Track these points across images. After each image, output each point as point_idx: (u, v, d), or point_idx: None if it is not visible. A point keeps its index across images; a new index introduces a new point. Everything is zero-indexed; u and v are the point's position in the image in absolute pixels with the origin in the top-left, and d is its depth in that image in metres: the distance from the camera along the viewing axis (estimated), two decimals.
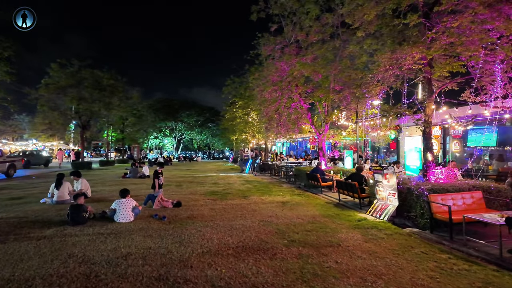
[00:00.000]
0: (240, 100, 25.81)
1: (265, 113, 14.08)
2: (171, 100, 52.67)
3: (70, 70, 21.24)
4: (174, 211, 7.17)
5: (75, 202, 6.00)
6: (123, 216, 6.02)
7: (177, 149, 55.08)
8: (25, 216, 6.46)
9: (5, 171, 16.51)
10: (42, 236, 5.01)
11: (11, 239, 4.84)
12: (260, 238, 5.15)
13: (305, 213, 7.29)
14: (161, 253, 4.28)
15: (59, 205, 7.61)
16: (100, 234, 5.16)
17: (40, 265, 3.74)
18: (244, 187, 12.15)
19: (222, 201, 8.77)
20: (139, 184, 12.40)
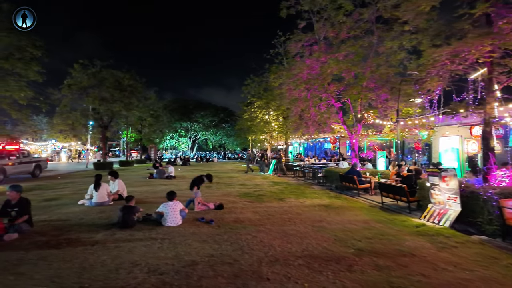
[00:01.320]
0: (259, 100, 25.50)
1: (295, 113, 13.67)
2: (186, 101, 52.88)
3: (92, 70, 21.32)
4: (217, 214, 6.86)
5: (127, 203, 5.75)
6: (172, 220, 5.73)
7: (192, 149, 55.18)
8: (68, 219, 6.25)
9: (32, 171, 16.61)
10: (94, 241, 4.76)
11: (64, 244, 4.60)
12: (322, 245, 4.77)
13: (354, 217, 6.87)
14: (227, 262, 3.95)
15: (98, 207, 7.40)
16: (153, 239, 4.87)
17: (106, 275, 3.46)
18: (275, 188, 11.78)
19: (261, 203, 8.42)
20: (168, 185, 12.18)
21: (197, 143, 56.72)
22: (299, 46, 13.33)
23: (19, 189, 5.44)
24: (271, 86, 22.77)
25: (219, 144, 57.01)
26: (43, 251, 4.29)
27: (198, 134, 53.73)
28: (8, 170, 14.59)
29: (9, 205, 5.31)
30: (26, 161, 16.19)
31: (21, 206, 5.35)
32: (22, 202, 5.40)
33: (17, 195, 5.39)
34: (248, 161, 22.02)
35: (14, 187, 5.43)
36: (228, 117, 54.90)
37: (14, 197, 5.34)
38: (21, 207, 5.35)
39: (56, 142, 43.33)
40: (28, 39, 9.84)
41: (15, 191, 5.37)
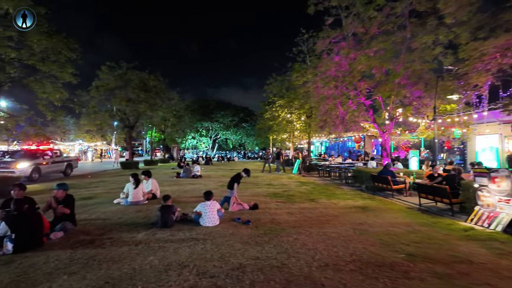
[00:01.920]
0: (281, 99, 25.28)
1: (323, 111, 13.37)
2: (207, 101, 53.41)
3: (118, 72, 21.86)
4: (252, 214, 6.75)
5: (165, 203, 5.76)
6: (210, 220, 5.67)
7: (213, 148, 55.69)
8: (108, 218, 6.33)
9: (63, 170, 17.21)
10: (137, 241, 4.76)
11: (108, 244, 4.62)
12: (369, 250, 4.54)
13: (395, 220, 6.57)
14: (275, 266, 3.82)
15: (134, 206, 7.48)
16: (195, 240, 4.82)
17: (157, 277, 3.41)
18: (303, 189, 11.55)
19: (293, 204, 8.24)
20: (196, 184, 12.24)
21: (218, 142, 57.19)
22: (327, 43, 13.02)
23: (66, 188, 5.62)
24: (294, 84, 22.52)
25: (239, 144, 57.19)
26: (90, 250, 4.32)
27: (218, 134, 54.16)
28: (43, 169, 15.17)
29: (56, 201, 5.46)
30: (58, 160, 16.79)
31: (65, 203, 5.49)
32: (67, 200, 5.55)
33: (64, 193, 5.55)
34: (266, 161, 21.74)
35: (61, 185, 5.58)
36: (248, 117, 54.99)
37: (61, 195, 5.49)
38: (66, 204, 5.49)
39: (83, 142, 44.96)
40: (64, 42, 10.15)
41: (62, 189, 5.53)
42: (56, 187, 5.56)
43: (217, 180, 14.09)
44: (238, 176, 7.69)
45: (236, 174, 7.84)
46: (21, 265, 3.77)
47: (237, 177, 7.63)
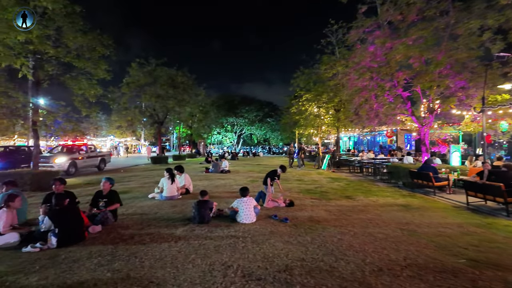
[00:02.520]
0: (307, 93, 24.68)
1: (357, 104, 12.77)
2: (232, 96, 53.63)
3: (148, 68, 22.25)
4: (288, 211, 6.49)
5: (202, 198, 5.65)
6: (247, 217, 5.49)
7: (237, 144, 55.89)
8: (144, 213, 6.34)
9: (98, 165, 17.83)
10: (176, 237, 4.66)
11: (147, 240, 4.56)
12: (424, 253, 4.15)
13: (443, 220, 6.06)
14: (324, 269, 3.55)
15: (169, 201, 7.48)
16: (234, 238, 4.65)
17: (202, 278, 3.25)
18: (336, 185, 11.13)
19: (329, 201, 7.89)
20: (225, 179, 12.16)
21: (242, 138, 57.30)
22: (361, 32, 12.37)
23: (112, 182, 5.70)
24: (322, 77, 21.87)
25: (264, 139, 56.97)
26: (130, 246, 4.27)
27: (243, 129, 54.22)
28: (79, 163, 15.78)
29: (100, 195, 5.52)
30: (93, 155, 17.42)
31: (110, 197, 5.55)
32: (111, 194, 5.60)
33: (109, 186, 5.61)
34: (290, 156, 21.26)
35: (109, 179, 5.67)
36: (272, 112, 54.56)
37: (106, 188, 5.56)
38: (110, 198, 5.54)
39: (114, 138, 46.69)
40: (98, 39, 10.33)
41: (108, 182, 5.61)
42: (104, 178, 5.66)
43: (246, 175, 13.96)
44: (274, 172, 7.45)
45: (272, 170, 7.61)
46: (65, 260, 3.77)
47: (272, 173, 7.40)
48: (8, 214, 4.46)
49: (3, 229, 4.33)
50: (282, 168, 7.69)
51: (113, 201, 5.52)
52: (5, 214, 4.42)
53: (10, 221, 4.49)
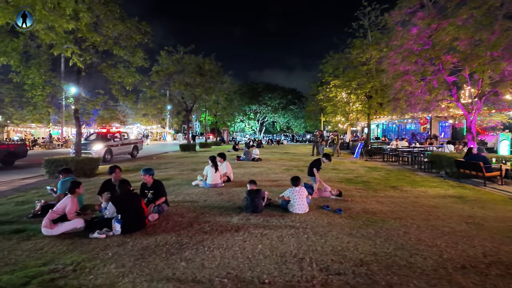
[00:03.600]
0: (336, 79, 23.94)
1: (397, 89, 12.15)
2: (255, 84, 53.24)
3: (176, 57, 22.29)
4: (338, 202, 6.30)
5: (250, 187, 5.56)
6: (300, 207, 5.36)
7: (260, 131, 55.79)
8: (194, 200, 6.36)
9: (131, 152, 18.30)
10: (235, 226, 4.62)
11: (207, 228, 4.54)
12: (504, 250, 3.84)
13: (510, 214, 5.65)
14: (401, 264, 3.35)
15: (213, 189, 7.49)
16: (294, 228, 4.53)
17: (279, 270, 3.16)
18: (376, 174, 10.77)
19: (376, 192, 7.60)
20: (260, 168, 12.08)
21: (264, 125, 57.08)
22: (403, 13, 11.64)
23: (152, 173, 5.57)
24: (354, 62, 21.05)
25: (287, 126, 56.47)
26: (193, 234, 4.25)
27: (266, 117, 53.91)
28: (114, 150, 16.24)
29: (146, 187, 5.51)
30: (126, 142, 17.87)
31: (156, 188, 5.52)
32: (157, 185, 5.56)
33: (151, 178, 5.53)
34: (315, 144, 20.61)
35: (147, 171, 5.52)
36: (296, 99, 53.77)
37: (149, 181, 5.50)
38: (156, 189, 5.51)
39: (140, 126, 47.85)
40: (136, 26, 10.32)
41: (148, 175, 5.49)
42: (142, 172, 5.54)
43: (279, 164, 13.82)
44: (318, 162, 7.23)
45: (316, 160, 7.39)
46: (134, 247, 3.79)
47: (317, 163, 7.18)
48: (74, 200, 4.56)
49: (70, 215, 4.43)
50: (327, 157, 7.44)
51: (159, 193, 5.44)
52: (71, 200, 4.52)
53: (75, 207, 4.59)
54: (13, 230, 4.53)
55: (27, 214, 5.37)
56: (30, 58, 10.13)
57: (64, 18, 6.45)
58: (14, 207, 5.99)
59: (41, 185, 8.59)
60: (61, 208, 4.49)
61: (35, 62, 9.75)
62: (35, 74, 9.70)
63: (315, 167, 7.08)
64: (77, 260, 3.41)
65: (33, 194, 7.35)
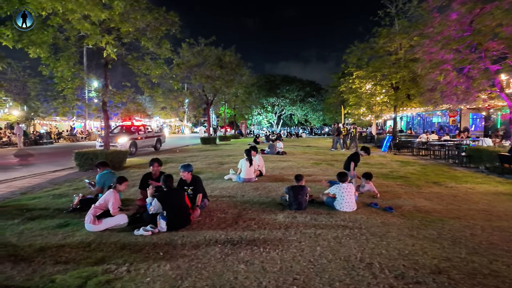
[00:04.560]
0: (358, 70, 23.17)
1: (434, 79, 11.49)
2: (273, 76, 52.58)
3: (197, 49, 22.06)
4: (383, 199, 5.92)
5: (298, 182, 5.27)
6: (348, 204, 5.03)
7: (277, 124, 55.29)
8: (231, 195, 6.14)
9: (154, 145, 18.35)
10: (282, 224, 4.36)
11: (254, 226, 4.30)
12: None
13: None
14: (484, 273, 2.99)
15: (248, 183, 7.25)
16: (347, 228, 4.22)
17: (350, 277, 2.87)
18: (412, 169, 10.24)
19: (419, 188, 7.15)
20: (288, 161, 11.75)
21: (282, 118, 56.47)
22: None
23: (191, 169, 5.35)
24: (380, 52, 20.22)
25: (305, 119, 55.67)
26: (242, 232, 4.02)
27: (284, 109, 53.27)
28: (138, 143, 16.29)
29: (185, 184, 5.30)
30: (150, 135, 17.92)
31: (195, 184, 5.31)
32: (195, 181, 5.35)
33: (190, 175, 5.32)
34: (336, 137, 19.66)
35: (186, 167, 5.32)
36: (314, 91, 52.80)
37: (188, 177, 5.28)
38: (196, 185, 5.31)
39: (159, 119, 48.32)
40: (163, 16, 10.09)
41: (187, 171, 5.28)
42: (181, 169, 5.34)
43: (305, 157, 13.46)
44: (356, 155, 6.85)
45: (354, 153, 7.01)
46: (184, 246, 3.59)
47: (354, 157, 6.81)
48: (116, 196, 4.42)
49: (113, 210, 4.28)
50: (365, 150, 7.04)
51: (198, 189, 5.22)
52: (114, 195, 4.37)
53: (118, 203, 4.44)
54: (56, 224, 4.44)
55: (66, 208, 5.30)
56: (58, 50, 10.11)
57: (98, 7, 6.28)
58: (52, 201, 5.96)
59: (74, 178, 8.62)
60: (104, 204, 4.35)
61: (64, 54, 9.72)
62: (64, 66, 9.68)
63: (353, 160, 6.71)
64: (129, 260, 3.23)
65: (67, 187, 7.33)
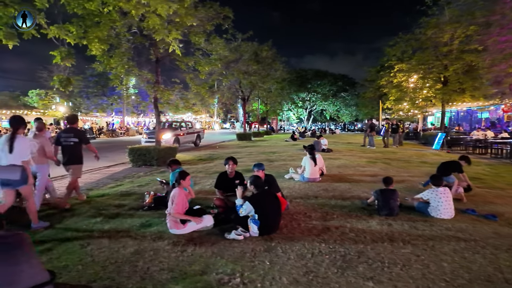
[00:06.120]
0: (400, 63, 21.98)
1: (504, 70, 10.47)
2: (304, 71, 51.57)
3: (234, 44, 21.87)
4: (478, 205, 5.32)
5: (387, 186, 4.83)
6: (446, 211, 4.52)
7: (308, 120, 54.33)
8: (303, 197, 5.79)
9: (194, 141, 18.46)
10: (381, 233, 3.94)
11: (350, 233, 3.92)
12: None
13: None
14: None
15: (314, 183, 6.88)
16: (460, 240, 3.72)
17: None
18: (480, 169, 9.37)
19: (503, 191, 6.45)
20: (339, 159, 11.24)
21: (312, 114, 55.38)
22: None
23: (263, 168, 5.22)
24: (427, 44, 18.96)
25: (336, 115, 54.23)
26: (343, 243, 3.66)
27: (315, 105, 52.16)
28: (181, 139, 16.41)
29: None
30: (191, 131, 18.04)
31: (270, 183, 5.05)
32: (270, 180, 5.11)
33: (263, 173, 5.10)
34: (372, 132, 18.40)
35: (259, 166, 5.15)
36: (347, 85, 51.19)
37: (262, 176, 5.04)
38: (271, 184, 5.05)
39: (191, 115, 49.08)
40: (217, 11, 9.89)
41: (261, 170, 5.11)
42: (255, 168, 5.14)
43: (354, 155, 12.86)
44: (458, 165, 6.21)
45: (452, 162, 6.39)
46: (289, 255, 3.29)
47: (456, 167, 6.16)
48: (181, 193, 4.14)
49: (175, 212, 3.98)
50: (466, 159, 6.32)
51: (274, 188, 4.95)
52: (179, 192, 4.11)
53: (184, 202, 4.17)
54: (140, 224, 4.33)
55: (140, 206, 5.22)
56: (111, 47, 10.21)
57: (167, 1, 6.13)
58: (122, 198, 5.92)
59: (131, 174, 8.67)
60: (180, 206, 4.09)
61: (118, 51, 9.79)
62: (117, 63, 9.76)
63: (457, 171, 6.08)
64: (237, 269, 2.99)
65: (130, 183, 7.34)
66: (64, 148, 5.34)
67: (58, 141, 5.38)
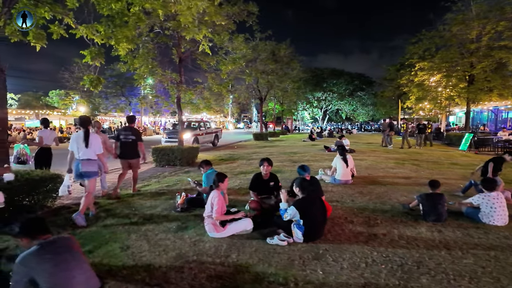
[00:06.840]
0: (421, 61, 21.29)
1: None
2: (320, 70, 50.95)
3: (252, 43, 21.69)
4: None
5: (434, 190, 4.56)
6: (500, 217, 4.21)
7: (323, 120, 53.68)
8: (339, 200, 5.56)
9: (212, 141, 18.41)
10: (436, 241, 3.68)
11: (402, 242, 3.69)
12: None
13: None
14: None
15: (346, 186, 6.65)
16: None
17: None
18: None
19: None
20: (365, 160, 10.89)
21: (328, 114, 54.65)
22: None
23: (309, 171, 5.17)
24: (452, 40, 18.28)
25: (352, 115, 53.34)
26: (396, 251, 3.44)
27: (330, 104, 51.44)
28: (200, 139, 16.38)
29: None
30: (209, 131, 18.00)
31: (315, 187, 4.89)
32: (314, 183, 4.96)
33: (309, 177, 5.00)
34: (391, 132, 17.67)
35: (305, 168, 5.08)
36: (363, 84, 50.26)
37: None
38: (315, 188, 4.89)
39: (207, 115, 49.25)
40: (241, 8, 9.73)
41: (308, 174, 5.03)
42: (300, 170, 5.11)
43: (379, 155, 12.49)
44: (500, 160, 5.91)
45: (497, 158, 6.08)
46: (341, 265, 3.10)
47: (497, 161, 5.87)
48: (220, 196, 4.00)
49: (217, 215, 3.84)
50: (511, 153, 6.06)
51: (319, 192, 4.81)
52: (218, 195, 3.96)
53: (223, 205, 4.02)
54: (176, 227, 4.22)
55: (172, 207, 5.13)
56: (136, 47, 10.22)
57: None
58: (153, 199, 5.85)
59: (157, 174, 8.63)
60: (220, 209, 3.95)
61: (142, 51, 9.77)
62: (141, 63, 9.74)
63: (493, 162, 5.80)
64: (289, 278, 2.82)
65: (157, 184, 7.29)
66: (123, 144, 6.09)
67: (117, 138, 6.18)
